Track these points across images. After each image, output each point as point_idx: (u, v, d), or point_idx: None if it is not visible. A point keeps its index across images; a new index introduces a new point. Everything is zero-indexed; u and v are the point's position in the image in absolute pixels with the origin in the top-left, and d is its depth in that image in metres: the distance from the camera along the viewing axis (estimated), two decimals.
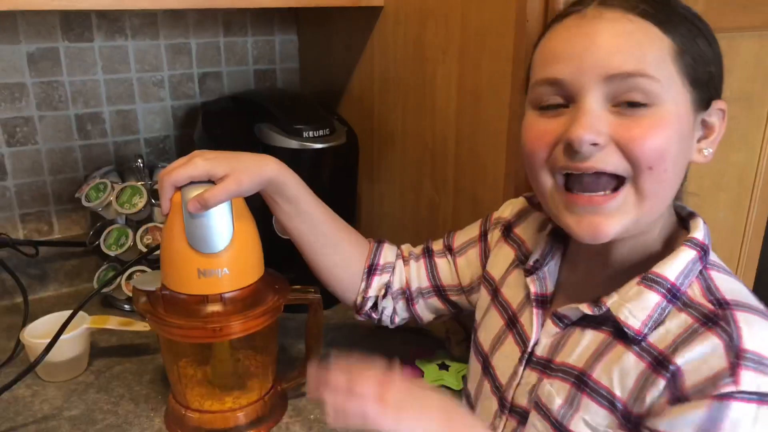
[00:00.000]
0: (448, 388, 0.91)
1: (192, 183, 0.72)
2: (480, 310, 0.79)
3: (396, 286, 0.86)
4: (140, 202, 1.07)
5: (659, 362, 0.55)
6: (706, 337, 0.53)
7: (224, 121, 1.15)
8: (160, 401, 0.88)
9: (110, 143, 1.22)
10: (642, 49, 0.54)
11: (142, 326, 0.97)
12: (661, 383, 0.54)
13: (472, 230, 0.84)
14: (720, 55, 0.59)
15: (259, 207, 0.80)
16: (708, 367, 0.52)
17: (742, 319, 0.53)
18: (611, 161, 0.55)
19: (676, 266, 0.57)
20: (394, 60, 1.07)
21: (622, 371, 0.57)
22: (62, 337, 0.85)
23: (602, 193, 0.56)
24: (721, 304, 0.55)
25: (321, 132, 1.04)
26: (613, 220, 0.56)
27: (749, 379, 0.50)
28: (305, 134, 1.03)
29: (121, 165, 1.21)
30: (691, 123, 0.57)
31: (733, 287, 0.57)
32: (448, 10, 0.92)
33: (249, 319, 0.76)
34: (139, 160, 1.12)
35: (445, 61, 0.95)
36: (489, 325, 0.75)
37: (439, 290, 0.85)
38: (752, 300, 0.56)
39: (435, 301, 0.85)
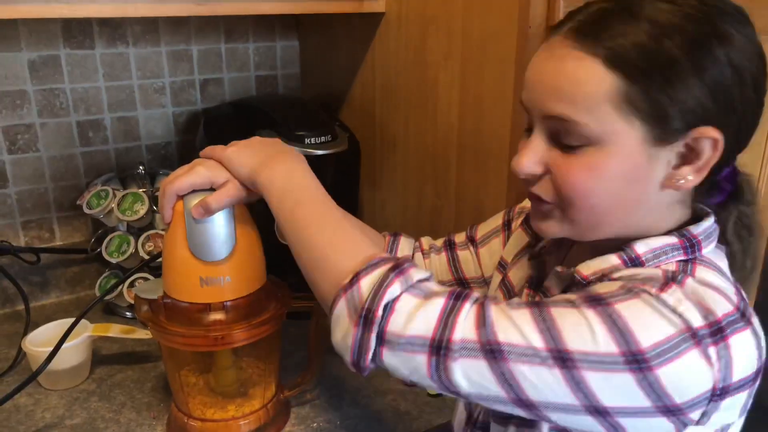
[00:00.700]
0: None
1: (194, 191, 0.72)
2: (491, 292, 0.80)
3: None
4: (142, 209, 1.07)
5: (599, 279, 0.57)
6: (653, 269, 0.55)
7: (226, 128, 1.15)
8: (162, 409, 0.88)
9: (111, 150, 1.22)
10: (574, 92, 0.53)
11: (143, 334, 0.96)
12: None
13: (495, 221, 0.84)
14: (717, 81, 0.52)
15: (260, 214, 0.80)
16: (642, 277, 0.54)
17: (694, 283, 0.53)
18: (545, 191, 0.58)
19: (648, 243, 0.58)
20: (396, 66, 1.07)
21: None
22: (64, 345, 0.84)
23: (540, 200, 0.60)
24: (685, 272, 0.55)
25: (323, 138, 1.04)
26: (550, 223, 0.60)
27: (675, 295, 0.51)
28: (307, 141, 1.03)
29: (123, 172, 1.20)
30: (644, 157, 0.54)
31: (711, 279, 0.55)
32: (450, 16, 0.92)
33: (251, 327, 0.75)
34: (141, 167, 1.12)
35: (447, 66, 0.95)
36: None
37: (461, 282, 0.84)
38: (727, 291, 0.54)
39: None
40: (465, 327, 0.53)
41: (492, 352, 0.52)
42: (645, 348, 0.49)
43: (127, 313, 1.12)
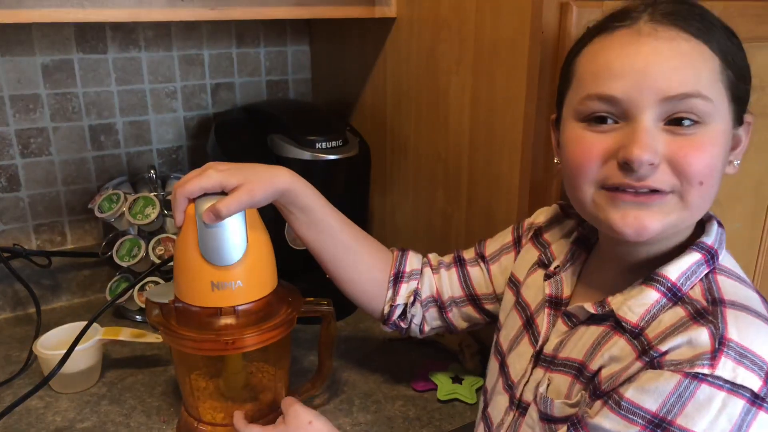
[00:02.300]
0: (462, 401, 0.90)
1: (206, 195, 0.72)
2: (503, 312, 0.80)
3: (425, 293, 0.85)
4: (153, 213, 1.08)
5: (645, 351, 0.56)
6: (693, 328, 0.54)
7: (237, 132, 1.15)
8: (172, 413, 0.88)
9: (123, 154, 1.22)
10: (697, 69, 0.55)
11: (154, 338, 0.97)
12: (638, 366, 0.55)
13: (504, 237, 0.84)
14: (749, 68, 0.60)
15: (271, 218, 0.80)
16: (690, 349, 0.53)
17: (731, 315, 0.54)
18: (664, 180, 0.56)
19: (678, 267, 0.59)
20: (407, 71, 1.07)
21: (612, 357, 0.59)
22: (75, 348, 0.84)
23: (647, 191, 0.57)
24: (715, 301, 0.56)
25: (333, 143, 1.04)
26: (657, 216, 0.56)
27: (727, 367, 0.51)
28: (318, 145, 1.03)
29: (134, 176, 1.21)
30: (731, 138, 0.59)
31: (737, 291, 0.58)
32: (462, 21, 0.92)
33: (262, 331, 0.75)
34: (152, 171, 1.12)
35: (458, 72, 0.95)
36: (509, 326, 0.77)
37: (473, 299, 0.84)
38: (754, 304, 0.56)
39: (469, 310, 0.85)
40: None
41: None
42: None
43: (137, 317, 1.13)
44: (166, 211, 1.09)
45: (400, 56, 1.09)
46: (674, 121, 0.55)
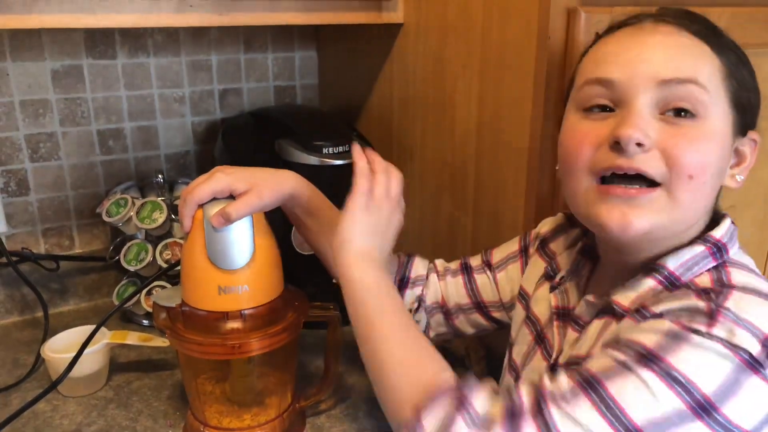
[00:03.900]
0: None
1: (214, 199, 0.73)
2: (515, 326, 0.79)
3: (430, 299, 0.85)
4: (160, 217, 1.08)
5: (639, 312, 0.56)
6: (692, 299, 0.54)
7: (244, 137, 1.16)
8: (178, 417, 0.88)
9: (131, 159, 1.23)
10: (695, 60, 0.56)
11: (161, 342, 0.97)
12: (632, 323, 0.56)
13: (511, 246, 0.84)
14: (758, 87, 0.61)
15: (278, 223, 0.80)
16: (687, 307, 0.52)
17: (737, 295, 0.53)
18: (653, 164, 0.55)
19: (678, 257, 0.59)
20: (414, 76, 1.08)
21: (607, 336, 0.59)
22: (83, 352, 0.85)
23: (637, 186, 0.56)
24: (724, 284, 0.55)
25: (340, 148, 1.05)
26: (644, 214, 0.56)
27: (725, 327, 0.50)
28: (325, 150, 1.03)
29: (142, 180, 1.21)
30: (729, 145, 0.59)
31: (749, 281, 0.56)
32: (469, 26, 0.92)
33: (268, 336, 0.75)
34: (160, 176, 1.13)
35: (465, 77, 0.95)
36: (521, 341, 0.76)
37: (480, 306, 0.84)
38: (766, 290, 0.55)
39: (476, 317, 0.85)
40: None
41: None
42: (709, 393, 0.48)
43: (144, 321, 1.13)
44: (173, 216, 1.10)
45: (406, 62, 1.09)
46: (669, 111, 0.56)
